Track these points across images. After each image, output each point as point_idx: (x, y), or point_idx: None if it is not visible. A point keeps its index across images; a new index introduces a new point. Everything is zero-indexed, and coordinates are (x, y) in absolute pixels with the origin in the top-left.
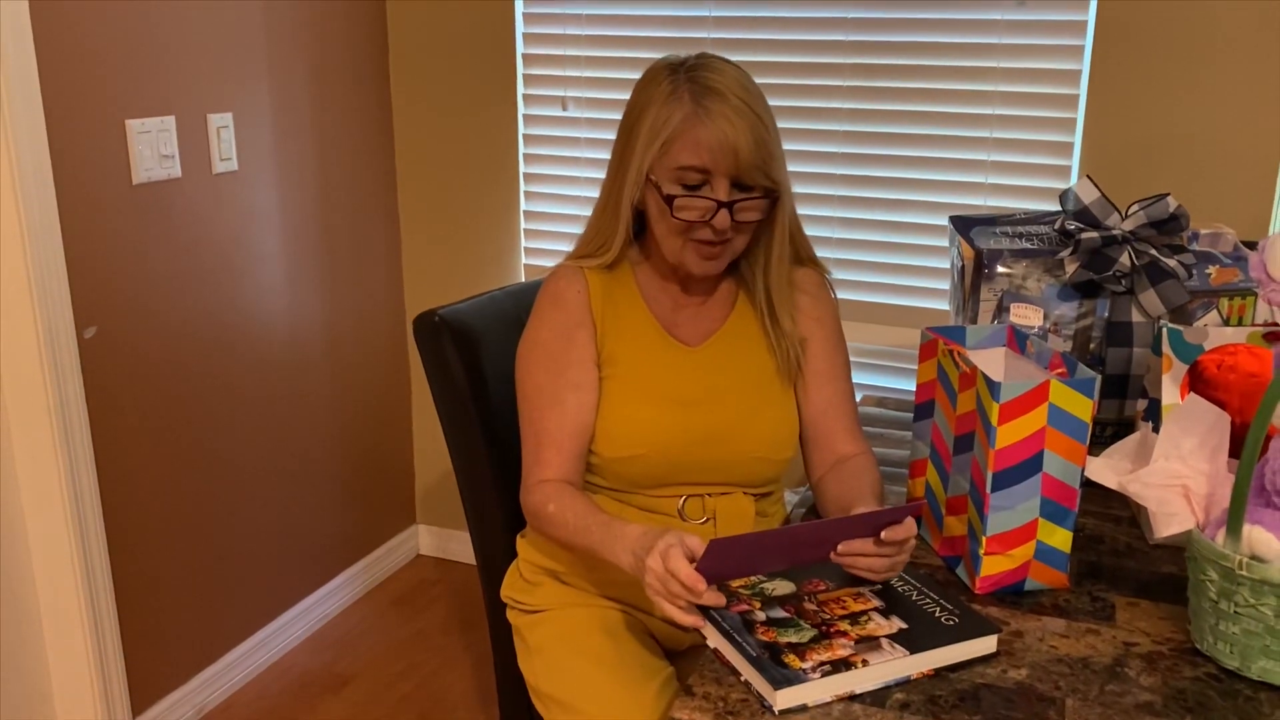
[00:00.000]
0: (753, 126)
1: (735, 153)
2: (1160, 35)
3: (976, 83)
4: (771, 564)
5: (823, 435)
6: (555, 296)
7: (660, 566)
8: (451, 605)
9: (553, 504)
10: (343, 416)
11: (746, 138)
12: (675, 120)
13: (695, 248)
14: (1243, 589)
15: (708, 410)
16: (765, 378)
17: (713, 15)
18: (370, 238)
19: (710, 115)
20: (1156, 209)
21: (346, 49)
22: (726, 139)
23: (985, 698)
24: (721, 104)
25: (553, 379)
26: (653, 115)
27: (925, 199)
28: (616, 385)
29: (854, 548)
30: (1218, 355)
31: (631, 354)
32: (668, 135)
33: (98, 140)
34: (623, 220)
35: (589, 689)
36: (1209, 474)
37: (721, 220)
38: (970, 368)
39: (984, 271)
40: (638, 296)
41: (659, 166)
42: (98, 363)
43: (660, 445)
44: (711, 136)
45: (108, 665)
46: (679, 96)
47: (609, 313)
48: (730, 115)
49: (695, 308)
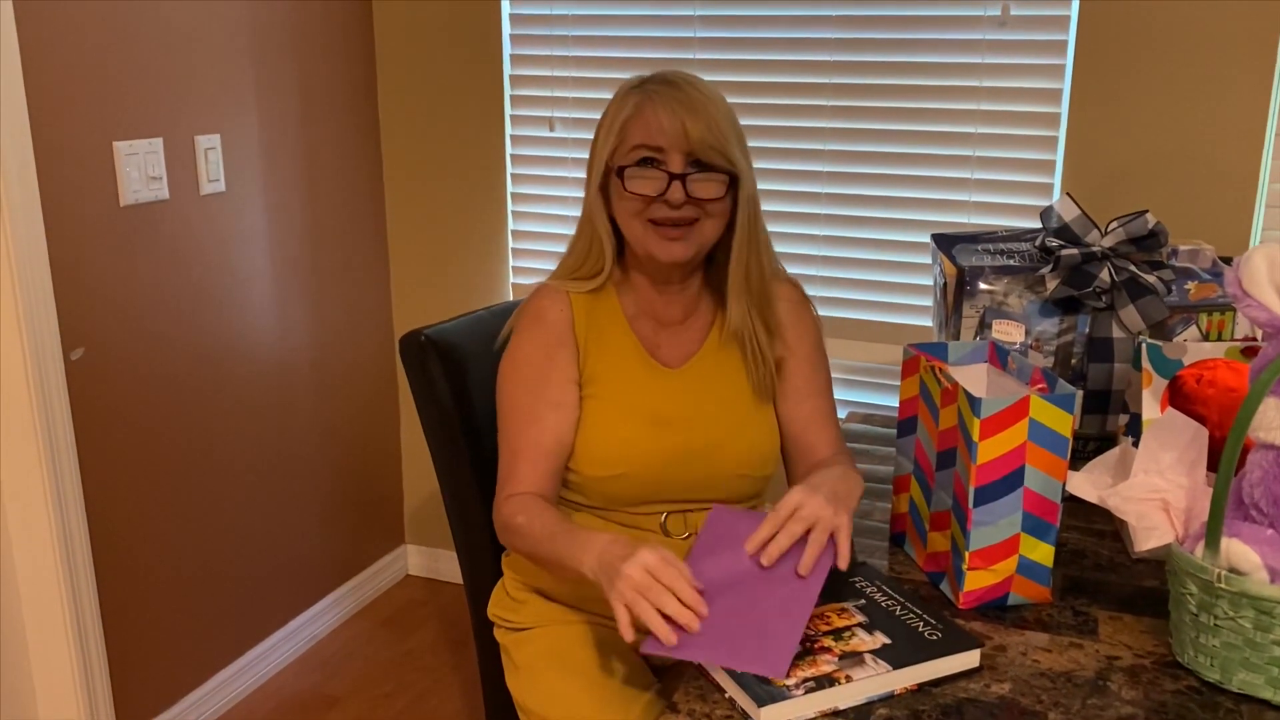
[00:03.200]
0: (706, 109)
1: (685, 130)
2: (1140, 54)
3: (959, 102)
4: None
5: (804, 450)
6: (537, 315)
7: (656, 560)
8: (440, 625)
9: (522, 515)
10: (331, 437)
11: (698, 118)
12: (629, 106)
13: (656, 230)
14: (1222, 602)
15: (689, 430)
16: (745, 397)
17: (698, 36)
18: (358, 258)
19: (662, 97)
20: (1135, 225)
21: (334, 71)
22: (677, 117)
23: (968, 712)
24: (674, 90)
25: (532, 397)
26: (611, 112)
27: (909, 217)
28: (598, 405)
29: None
30: (1196, 370)
31: (613, 374)
32: (623, 120)
33: (85, 162)
34: (605, 236)
35: (575, 706)
36: (1188, 488)
37: (675, 193)
38: (952, 384)
39: (966, 288)
40: (621, 318)
41: (619, 154)
42: (85, 384)
43: (642, 464)
44: (662, 116)
45: (94, 688)
46: (636, 91)
47: (592, 335)
48: (681, 98)
49: (676, 329)
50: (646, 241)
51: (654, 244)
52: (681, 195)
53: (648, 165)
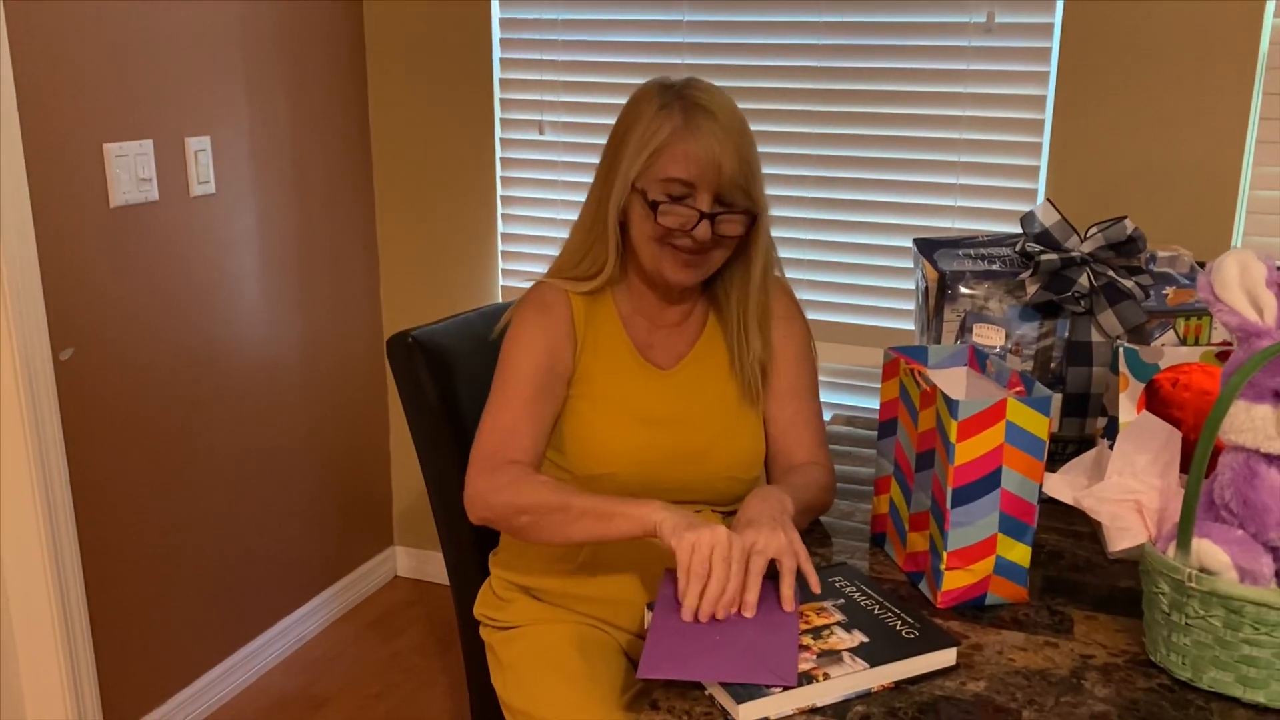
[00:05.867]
0: (738, 146)
1: (719, 168)
2: (1124, 61)
3: (944, 108)
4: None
5: (784, 451)
6: (543, 305)
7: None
8: (428, 627)
9: (528, 478)
10: (320, 438)
11: (731, 155)
12: (664, 132)
13: (673, 254)
14: (1193, 601)
15: (678, 431)
16: (732, 400)
17: (687, 41)
18: (348, 260)
19: (699, 131)
20: (1114, 231)
21: (324, 73)
22: (713, 154)
23: (944, 709)
24: (710, 121)
25: (540, 372)
26: (643, 127)
27: (893, 221)
28: (590, 404)
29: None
30: (1172, 374)
31: (606, 374)
32: (656, 145)
33: (75, 163)
34: (612, 239)
35: (560, 705)
36: (1161, 489)
37: (703, 231)
38: (930, 386)
39: (947, 292)
40: (615, 318)
41: (645, 176)
42: (74, 384)
43: (631, 463)
44: (698, 151)
45: (82, 687)
46: (670, 111)
47: (589, 334)
48: (718, 133)
49: (669, 330)
50: (660, 263)
51: (668, 268)
52: (708, 234)
53: (678, 200)
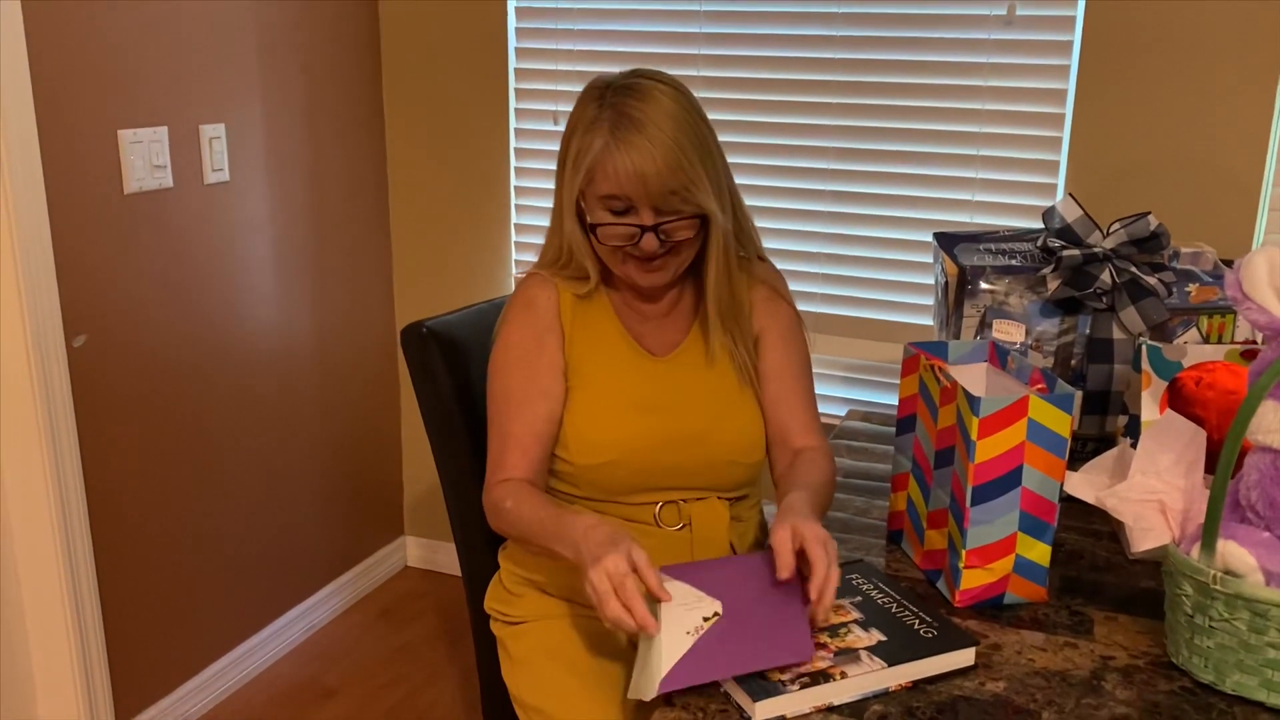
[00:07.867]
0: (668, 154)
1: (644, 181)
2: (1145, 55)
3: (964, 101)
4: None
5: (778, 430)
6: (528, 302)
7: (623, 567)
8: (438, 617)
9: (510, 500)
10: (332, 427)
11: (656, 166)
12: (595, 149)
13: (635, 264)
14: (1217, 603)
15: (676, 416)
16: (730, 384)
17: (703, 32)
18: (361, 249)
19: (625, 145)
20: (1137, 227)
21: (339, 61)
22: (635, 168)
23: (962, 710)
24: (636, 134)
25: (524, 382)
26: (577, 143)
27: (913, 216)
28: (585, 394)
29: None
30: (1196, 372)
31: (600, 363)
32: (588, 165)
33: (90, 150)
34: (583, 251)
35: (570, 699)
36: (1185, 489)
37: (648, 243)
38: (951, 383)
39: (967, 288)
40: (607, 307)
41: (586, 195)
42: (86, 371)
43: (631, 450)
44: (626, 166)
45: (92, 675)
46: (600, 124)
47: (578, 322)
48: (643, 145)
49: (661, 319)
50: (627, 272)
51: (635, 275)
52: (655, 245)
53: (620, 216)
